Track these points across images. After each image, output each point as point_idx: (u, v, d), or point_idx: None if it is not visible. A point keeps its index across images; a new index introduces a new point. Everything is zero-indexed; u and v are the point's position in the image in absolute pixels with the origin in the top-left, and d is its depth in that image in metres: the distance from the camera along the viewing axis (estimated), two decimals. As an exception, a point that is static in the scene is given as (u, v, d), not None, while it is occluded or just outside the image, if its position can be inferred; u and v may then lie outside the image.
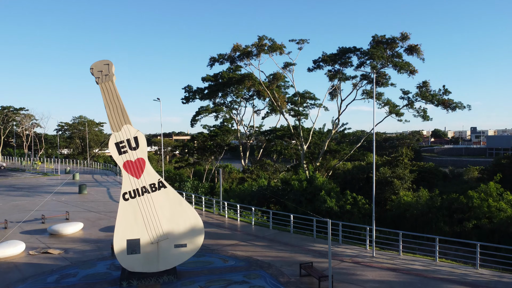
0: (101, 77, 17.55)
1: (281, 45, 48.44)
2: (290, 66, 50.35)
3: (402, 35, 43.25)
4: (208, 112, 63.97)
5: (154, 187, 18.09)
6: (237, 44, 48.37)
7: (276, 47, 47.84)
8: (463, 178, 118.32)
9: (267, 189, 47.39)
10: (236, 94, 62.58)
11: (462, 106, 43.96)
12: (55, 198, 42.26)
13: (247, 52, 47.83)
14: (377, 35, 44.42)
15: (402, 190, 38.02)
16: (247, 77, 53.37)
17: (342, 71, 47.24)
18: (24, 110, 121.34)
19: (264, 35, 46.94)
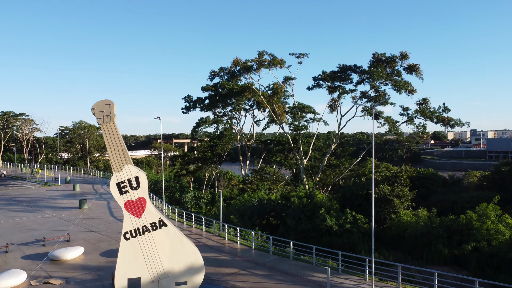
0: (102, 118, 17.68)
1: (281, 60, 48.60)
2: (290, 80, 50.54)
3: (402, 54, 43.42)
4: (208, 124, 64.13)
5: (155, 225, 18.23)
6: (237, 58, 48.54)
7: (276, 62, 47.99)
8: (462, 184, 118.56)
9: (267, 204, 47.56)
10: (237, 107, 62.75)
11: (461, 123, 44.21)
12: (56, 214, 42.39)
13: (247, 67, 47.97)
14: (377, 53, 44.62)
15: (401, 209, 38.17)
16: (247, 89, 53.51)
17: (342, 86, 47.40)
18: (24, 116, 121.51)
19: (264, 50, 47.16)
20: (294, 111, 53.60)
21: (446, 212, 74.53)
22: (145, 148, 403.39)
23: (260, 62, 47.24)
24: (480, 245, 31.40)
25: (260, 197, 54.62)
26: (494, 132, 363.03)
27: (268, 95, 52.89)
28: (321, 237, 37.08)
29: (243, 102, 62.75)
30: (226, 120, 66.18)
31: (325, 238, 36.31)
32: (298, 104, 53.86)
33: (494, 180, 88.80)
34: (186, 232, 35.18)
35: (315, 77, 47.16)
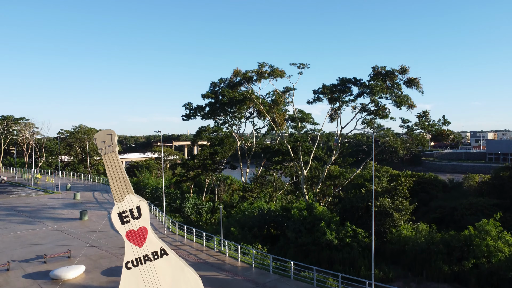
0: (104, 148, 17.77)
1: (281, 72, 48.69)
2: (290, 91, 50.66)
3: (402, 68, 43.56)
4: (208, 133, 64.21)
5: (156, 255, 18.32)
6: (237, 69, 48.69)
7: (276, 74, 48.11)
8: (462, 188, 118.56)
9: (268, 214, 47.68)
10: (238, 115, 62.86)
11: (460, 137, 44.44)
12: (57, 227, 42.49)
13: (247, 78, 48.09)
14: (378, 66, 44.74)
15: (401, 223, 38.27)
16: (248, 99, 53.60)
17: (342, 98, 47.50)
18: (24, 120, 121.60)
19: (264, 62, 47.28)
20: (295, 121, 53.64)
21: (446, 219, 74.78)
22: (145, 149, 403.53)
23: (261, 73, 47.37)
24: (480, 262, 31.50)
25: (260, 206, 54.75)
26: (494, 133, 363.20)
27: (268, 105, 52.99)
28: (321, 251, 37.16)
29: (244, 110, 62.86)
30: (226, 127, 66.32)
31: (325, 252, 36.39)
32: (299, 114, 53.96)
33: (494, 186, 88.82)
34: (186, 247, 35.29)
35: (315, 90, 47.31)
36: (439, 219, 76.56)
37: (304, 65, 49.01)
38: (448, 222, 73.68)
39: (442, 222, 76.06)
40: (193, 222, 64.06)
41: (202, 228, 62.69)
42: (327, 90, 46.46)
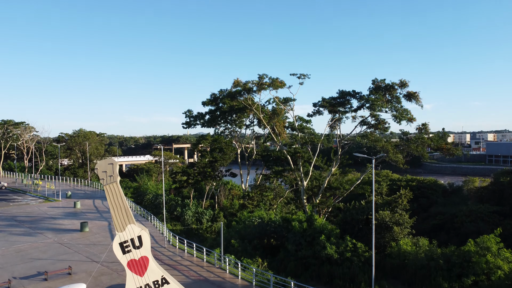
0: (105, 178, 17.83)
1: (282, 83, 48.81)
2: (290, 101, 50.81)
3: (401, 82, 43.70)
4: (208, 142, 64.29)
5: (157, 284, 18.38)
6: (237, 79, 48.75)
7: (276, 85, 48.24)
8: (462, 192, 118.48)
9: (268, 225, 47.76)
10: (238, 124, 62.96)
11: (460, 152, 44.58)
12: (57, 239, 42.55)
13: (247, 89, 48.18)
14: (377, 79, 44.82)
15: (401, 237, 38.35)
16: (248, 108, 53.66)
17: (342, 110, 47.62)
18: (24, 124, 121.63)
19: (264, 74, 47.37)
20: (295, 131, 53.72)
21: (446, 226, 74.88)
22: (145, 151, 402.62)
23: (260, 85, 47.51)
24: (479, 279, 31.55)
25: (260, 215, 54.82)
26: (494, 134, 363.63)
27: (268, 114, 53.07)
28: (321, 265, 37.23)
29: (244, 118, 62.93)
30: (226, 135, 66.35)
31: (325, 267, 36.47)
32: (299, 121, 53.99)
33: (494, 192, 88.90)
34: (187, 262, 35.34)
35: (315, 103, 47.44)
36: (439, 226, 76.69)
37: (305, 76, 49.08)
38: (448, 229, 73.84)
39: (442, 228, 76.20)
40: (193, 230, 64.12)
41: (202, 237, 62.79)
42: (326, 103, 46.57)
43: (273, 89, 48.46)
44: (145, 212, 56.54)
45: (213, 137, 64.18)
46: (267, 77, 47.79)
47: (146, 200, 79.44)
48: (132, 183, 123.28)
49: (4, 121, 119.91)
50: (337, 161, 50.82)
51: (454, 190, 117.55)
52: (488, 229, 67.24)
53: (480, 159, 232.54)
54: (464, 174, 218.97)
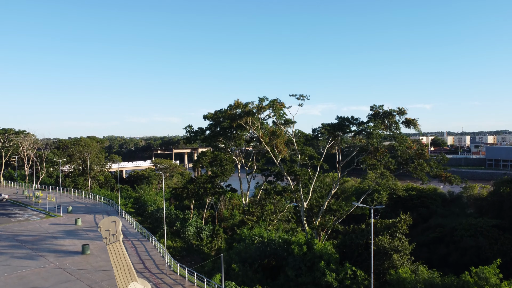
0: (108, 237, 18.10)
1: (281, 105, 49.12)
2: (290, 123, 51.09)
3: (399, 110, 44.07)
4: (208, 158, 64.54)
5: None
6: (237, 101, 49.02)
7: (277, 108, 48.57)
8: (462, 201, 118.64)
9: (268, 246, 48.08)
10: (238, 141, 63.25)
11: (459, 182, 45.05)
12: (59, 263, 42.82)
13: (247, 111, 48.45)
14: (375, 105, 45.12)
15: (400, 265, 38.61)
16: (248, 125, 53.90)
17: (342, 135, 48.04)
18: (25, 133, 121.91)
19: (264, 96, 47.75)
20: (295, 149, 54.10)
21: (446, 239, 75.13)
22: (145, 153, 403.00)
23: (260, 108, 47.82)
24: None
25: (260, 233, 55.12)
26: (494, 137, 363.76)
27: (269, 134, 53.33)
28: (321, 292, 37.53)
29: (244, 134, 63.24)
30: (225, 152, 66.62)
31: (325, 295, 36.77)
32: (300, 150, 54.34)
33: (493, 204, 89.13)
34: (188, 291, 35.61)
35: (314, 129, 47.95)
36: (438, 239, 76.96)
37: (304, 97, 49.36)
38: (448, 242, 74.12)
39: (442, 241, 76.49)
40: (193, 246, 64.39)
41: (203, 253, 63.05)
42: (326, 130, 46.95)
43: (273, 110, 48.83)
44: (146, 231, 56.78)
45: (213, 153, 64.44)
46: (267, 99, 48.26)
47: (147, 212, 79.69)
48: (132, 191, 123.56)
49: (5, 130, 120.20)
50: (336, 184, 51.14)
51: (453, 198, 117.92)
52: (487, 244, 67.68)
53: (480, 163, 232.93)
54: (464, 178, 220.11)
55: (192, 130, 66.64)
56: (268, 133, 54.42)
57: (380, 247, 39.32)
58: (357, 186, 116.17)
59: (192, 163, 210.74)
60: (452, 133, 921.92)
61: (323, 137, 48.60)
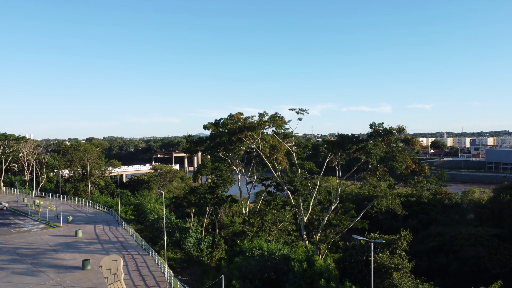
0: (109, 277, 18.18)
1: (281, 120, 49.23)
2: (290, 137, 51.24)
3: (399, 128, 44.30)
4: (209, 170, 64.69)
5: None
6: (238, 114, 49.09)
7: (277, 124, 48.72)
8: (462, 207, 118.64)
9: (268, 260, 48.22)
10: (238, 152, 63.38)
11: (459, 199, 45.15)
12: (60, 280, 42.79)
13: (247, 126, 48.56)
14: (375, 123, 45.32)
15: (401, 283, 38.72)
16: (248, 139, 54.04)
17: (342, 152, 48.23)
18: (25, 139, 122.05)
19: (265, 111, 47.83)
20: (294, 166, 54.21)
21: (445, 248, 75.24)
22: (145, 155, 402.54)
23: (261, 125, 47.93)
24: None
25: (260, 245, 55.25)
26: (494, 138, 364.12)
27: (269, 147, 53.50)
28: (321, 311, 37.61)
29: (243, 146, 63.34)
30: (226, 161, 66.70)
31: (325, 314, 36.85)
32: (301, 165, 54.51)
33: (493, 212, 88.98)
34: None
35: (314, 147, 47.96)
36: (438, 247, 77.07)
37: (304, 111, 49.42)
38: (448, 251, 74.22)
39: (442, 250, 76.59)
40: (193, 257, 64.47)
41: (203, 264, 63.12)
42: (325, 149, 47.08)
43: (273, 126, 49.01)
44: (146, 244, 56.84)
45: (214, 164, 64.54)
46: (267, 115, 48.31)
47: (147, 221, 79.59)
48: (132, 197, 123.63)
49: (5, 135, 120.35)
50: (336, 199, 51.34)
51: (453, 204, 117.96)
52: (487, 254, 67.81)
53: (479, 166, 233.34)
54: (464, 182, 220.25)
55: (193, 140, 66.76)
56: (268, 145, 54.54)
57: (380, 265, 39.45)
58: (357, 192, 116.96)
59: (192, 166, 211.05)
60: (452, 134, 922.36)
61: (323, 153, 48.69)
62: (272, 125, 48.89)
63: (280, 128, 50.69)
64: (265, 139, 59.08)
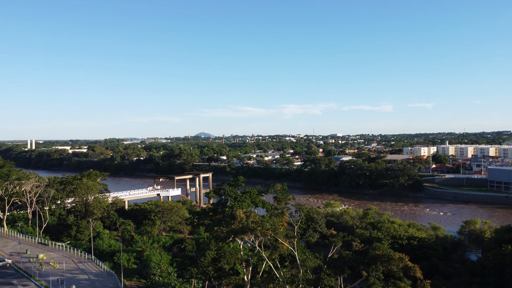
0: None
1: (283, 225, 49.26)
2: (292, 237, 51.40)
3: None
4: (213, 253, 64.45)
5: None
6: (240, 213, 49.12)
7: (279, 232, 48.66)
8: (464, 248, 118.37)
9: None
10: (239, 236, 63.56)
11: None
12: None
13: (249, 228, 48.62)
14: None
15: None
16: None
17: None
18: (28, 178, 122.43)
19: (265, 217, 47.85)
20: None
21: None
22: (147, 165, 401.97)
23: (263, 232, 47.84)
24: None
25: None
26: (496, 149, 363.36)
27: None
28: None
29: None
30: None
31: None
32: (300, 255, 54.29)
33: (495, 266, 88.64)
34: None
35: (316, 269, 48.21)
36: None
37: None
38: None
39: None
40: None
41: None
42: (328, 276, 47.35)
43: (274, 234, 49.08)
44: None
45: (218, 245, 64.45)
46: (268, 219, 48.39)
47: (149, 279, 79.24)
48: (136, 233, 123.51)
49: (8, 175, 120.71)
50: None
51: (454, 245, 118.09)
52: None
53: (481, 184, 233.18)
54: (466, 201, 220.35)
55: (195, 211, 67.00)
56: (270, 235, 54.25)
57: None
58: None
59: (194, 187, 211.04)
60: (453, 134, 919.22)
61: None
62: (274, 233, 48.41)
63: None
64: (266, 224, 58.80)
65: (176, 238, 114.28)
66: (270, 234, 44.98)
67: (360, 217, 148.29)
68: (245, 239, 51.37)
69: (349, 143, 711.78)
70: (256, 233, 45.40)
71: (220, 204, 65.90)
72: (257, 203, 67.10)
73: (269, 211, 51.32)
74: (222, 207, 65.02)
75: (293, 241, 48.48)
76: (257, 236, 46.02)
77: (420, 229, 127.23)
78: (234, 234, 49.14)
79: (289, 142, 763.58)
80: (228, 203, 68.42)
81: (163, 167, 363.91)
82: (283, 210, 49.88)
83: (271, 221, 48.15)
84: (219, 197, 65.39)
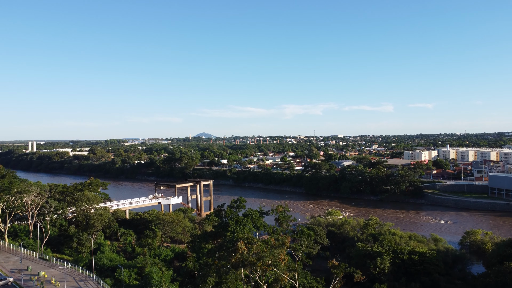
0: None
1: (284, 261, 49.31)
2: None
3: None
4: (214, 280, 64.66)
5: None
6: (242, 246, 49.11)
7: (281, 268, 48.75)
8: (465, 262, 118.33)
9: None
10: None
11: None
12: None
13: (249, 262, 48.69)
14: None
15: None
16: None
17: None
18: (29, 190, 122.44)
19: (265, 252, 47.93)
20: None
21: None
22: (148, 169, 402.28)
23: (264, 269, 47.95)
24: None
25: None
26: (497, 153, 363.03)
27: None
28: None
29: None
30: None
31: None
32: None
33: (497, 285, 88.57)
34: None
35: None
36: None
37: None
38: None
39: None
40: None
41: None
42: None
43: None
44: None
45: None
46: (270, 255, 48.56)
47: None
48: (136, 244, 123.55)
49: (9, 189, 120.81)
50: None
51: (455, 259, 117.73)
52: None
53: (482, 191, 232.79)
54: (467, 208, 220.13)
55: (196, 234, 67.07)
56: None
57: None
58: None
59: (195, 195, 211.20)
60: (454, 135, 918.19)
61: None
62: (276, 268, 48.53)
63: None
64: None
65: (177, 250, 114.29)
66: (270, 270, 44.93)
67: (361, 227, 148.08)
68: (246, 272, 51.38)
69: (350, 144, 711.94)
70: (256, 269, 45.46)
71: (221, 227, 65.96)
72: (258, 226, 67.23)
73: (269, 243, 51.28)
74: (223, 230, 65.07)
75: (295, 274, 48.52)
76: (257, 270, 46.12)
77: (421, 241, 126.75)
78: (235, 268, 49.15)
79: (290, 144, 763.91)
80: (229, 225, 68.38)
81: (164, 171, 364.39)
82: (284, 241, 49.96)
83: (272, 254, 48.23)
84: (220, 219, 65.41)
